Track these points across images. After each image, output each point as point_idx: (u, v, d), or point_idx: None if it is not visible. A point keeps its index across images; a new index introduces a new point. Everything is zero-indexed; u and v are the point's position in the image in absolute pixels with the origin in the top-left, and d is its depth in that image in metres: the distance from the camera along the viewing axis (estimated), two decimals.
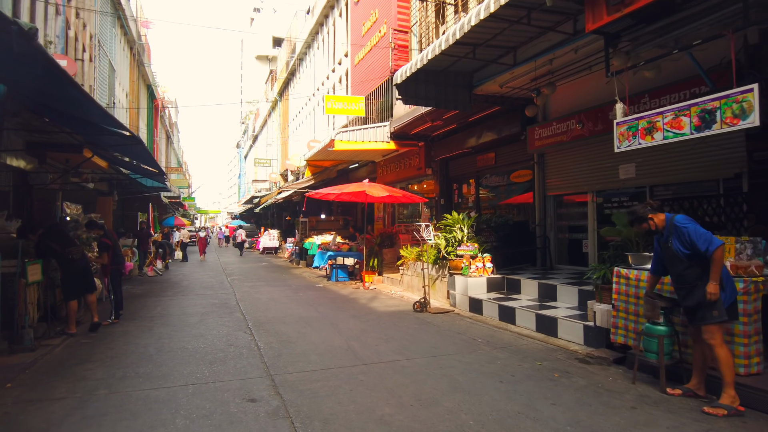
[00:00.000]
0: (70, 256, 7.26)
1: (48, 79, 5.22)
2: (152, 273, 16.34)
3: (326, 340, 6.49)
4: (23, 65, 4.74)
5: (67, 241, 7.40)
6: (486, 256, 9.11)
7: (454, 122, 12.38)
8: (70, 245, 7.33)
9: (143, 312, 8.82)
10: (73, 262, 7.27)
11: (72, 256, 7.27)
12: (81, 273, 7.36)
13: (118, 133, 7.53)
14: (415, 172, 14.98)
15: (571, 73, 8.66)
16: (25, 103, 7.54)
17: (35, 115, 8.42)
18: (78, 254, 7.32)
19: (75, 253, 7.29)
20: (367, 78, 16.29)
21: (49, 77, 5.13)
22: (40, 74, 5.05)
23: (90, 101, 5.71)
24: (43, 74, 5.04)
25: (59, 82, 5.13)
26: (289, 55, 33.56)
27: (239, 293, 11.25)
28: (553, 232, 10.26)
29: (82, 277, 7.38)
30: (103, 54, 20.70)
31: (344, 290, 11.73)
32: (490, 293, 8.92)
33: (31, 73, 5.05)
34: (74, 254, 7.29)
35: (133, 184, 17.88)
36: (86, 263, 7.55)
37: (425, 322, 7.65)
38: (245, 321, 7.87)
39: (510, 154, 11.55)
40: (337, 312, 8.65)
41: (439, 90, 9.54)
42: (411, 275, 11.27)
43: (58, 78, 4.90)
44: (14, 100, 7.54)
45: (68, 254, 7.24)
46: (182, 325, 7.63)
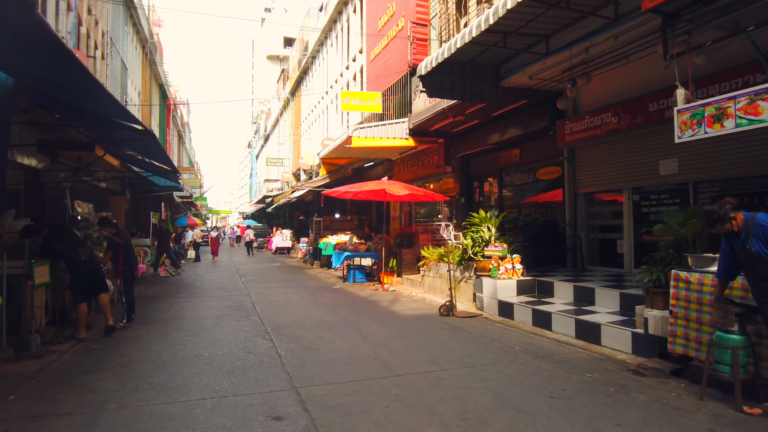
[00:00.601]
0: (77, 257, 6.88)
1: (55, 64, 4.84)
2: (164, 273, 16.03)
3: (351, 347, 6.04)
4: (27, 47, 4.35)
5: (74, 241, 7.03)
6: (515, 257, 8.62)
7: (477, 117, 11.88)
8: (77, 245, 6.96)
9: (156, 315, 8.44)
10: (81, 263, 6.89)
11: (79, 257, 6.88)
12: (90, 274, 6.97)
13: (129, 127, 7.15)
14: (433, 170, 14.49)
15: (607, 63, 8.13)
16: (34, 98, 7.21)
17: (46, 111, 8.11)
18: (86, 254, 6.93)
19: (82, 253, 6.90)
20: (384, 73, 15.83)
21: (56, 62, 4.75)
22: (46, 58, 4.66)
23: (99, 88, 5.31)
24: (49, 58, 4.66)
25: (65, 65, 4.74)
26: (301, 53, 33.23)
27: (255, 295, 10.85)
28: (584, 231, 9.72)
29: (91, 278, 6.98)
30: (115, 52, 20.47)
31: (363, 292, 11.29)
32: (520, 296, 8.41)
33: (37, 56, 4.66)
34: (81, 254, 6.90)
35: (145, 183, 17.62)
36: (96, 263, 7.16)
37: (454, 328, 7.18)
38: (263, 325, 7.45)
39: (536, 150, 11.02)
40: (359, 316, 8.20)
41: (465, 82, 9.05)
42: (433, 277, 10.80)
43: (63, 59, 4.50)
44: (24, 95, 7.23)
45: (75, 255, 6.86)
46: (197, 329, 7.22)
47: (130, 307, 7.88)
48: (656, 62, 7.72)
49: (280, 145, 42.61)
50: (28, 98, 7.42)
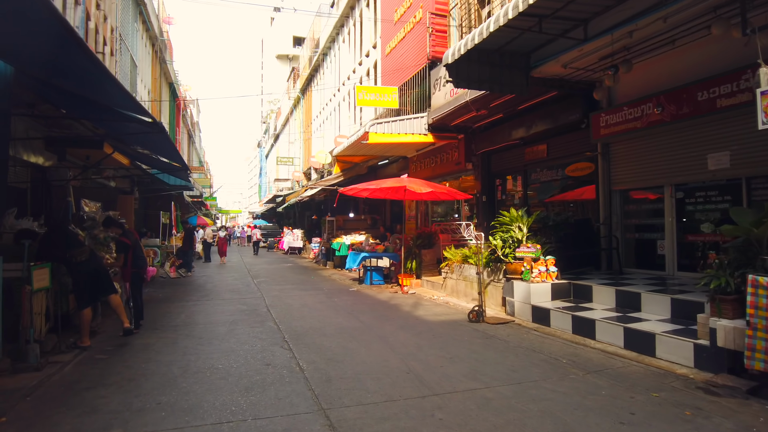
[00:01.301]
0: (73, 259, 6.33)
1: (59, 49, 4.37)
2: (174, 274, 15.59)
3: (379, 358, 5.48)
4: (29, 30, 3.88)
5: (71, 242, 6.51)
6: (549, 258, 8.01)
7: (501, 111, 11.28)
8: (73, 246, 6.44)
9: (166, 320, 7.94)
10: (79, 265, 6.38)
11: (76, 259, 6.34)
12: (91, 276, 6.45)
13: (137, 120, 6.66)
14: (453, 167, 13.91)
15: (651, 49, 7.52)
16: (40, 92, 6.75)
17: (52, 105, 7.69)
18: (83, 256, 6.41)
19: (79, 255, 6.37)
20: (401, 67, 15.26)
21: (60, 46, 4.27)
22: (50, 42, 4.20)
23: (105, 74, 4.81)
24: (53, 41, 4.20)
25: (70, 49, 4.25)
26: (312, 51, 32.77)
27: (268, 298, 10.33)
28: (620, 231, 9.09)
29: (93, 281, 6.48)
30: (124, 48, 20.09)
31: (381, 295, 10.73)
32: (555, 301, 7.81)
33: (41, 41, 4.20)
34: (78, 256, 6.37)
35: (155, 182, 17.23)
36: (97, 264, 6.61)
37: (487, 336, 6.60)
38: (280, 332, 6.91)
39: (565, 145, 10.40)
40: (382, 322, 7.65)
41: (493, 72, 8.47)
42: (456, 279, 10.22)
43: (67, 42, 4.01)
44: (29, 90, 6.79)
45: (71, 257, 6.31)
46: (210, 336, 6.71)
47: (139, 313, 7.40)
48: (706, 46, 7.11)
49: (290, 144, 42.19)
50: (34, 93, 6.98)
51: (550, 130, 10.42)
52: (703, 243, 7.70)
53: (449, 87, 12.12)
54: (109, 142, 10.23)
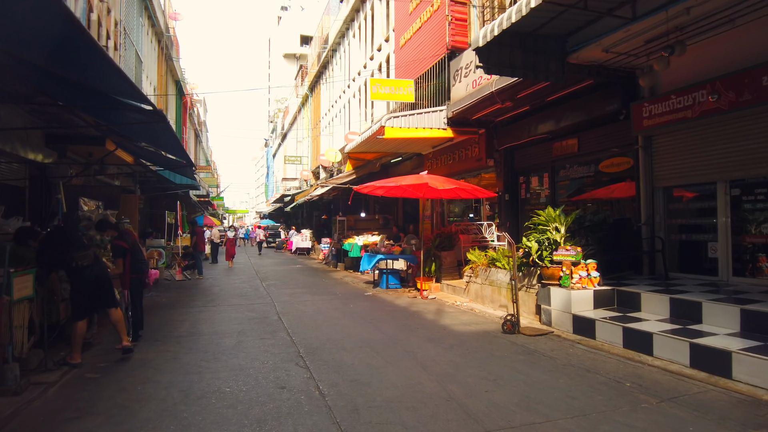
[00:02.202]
0: (74, 263, 5.62)
1: (54, 28, 3.72)
2: (180, 277, 14.93)
3: (411, 379, 4.74)
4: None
5: (74, 245, 5.81)
6: (590, 262, 7.24)
7: (528, 103, 10.51)
8: (76, 249, 5.74)
9: (167, 330, 7.24)
10: (81, 271, 5.67)
11: (77, 263, 5.64)
12: (92, 284, 5.74)
13: (136, 108, 5.96)
14: (472, 164, 13.14)
15: (707, 29, 6.73)
16: (35, 81, 6.10)
17: (50, 98, 7.06)
18: (86, 260, 5.69)
19: (81, 259, 5.65)
20: (416, 59, 14.50)
21: (55, 26, 3.63)
22: (45, 22, 3.55)
23: (101, 55, 4.13)
24: (47, 22, 3.55)
25: (64, 26, 3.58)
26: (321, 47, 32.08)
27: (279, 304, 9.61)
28: (664, 231, 8.29)
29: (93, 291, 5.78)
30: (129, 43, 19.47)
31: (400, 300, 9.99)
32: (597, 310, 7.03)
33: (35, 22, 3.55)
34: (80, 260, 5.66)
35: (161, 181, 16.64)
36: (101, 271, 5.87)
37: (528, 351, 5.83)
38: (294, 345, 6.18)
39: (600, 139, 9.61)
40: (406, 333, 6.90)
41: (527, 57, 7.71)
42: (481, 284, 9.45)
43: (61, 19, 3.34)
44: (26, 81, 6.15)
45: (71, 261, 5.60)
46: (215, 350, 5.99)
47: (138, 322, 6.71)
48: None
49: (298, 143, 41.56)
50: (31, 84, 6.33)
51: (583, 122, 9.63)
52: (764, 245, 6.91)
53: (471, 78, 11.38)
54: (112, 138, 9.64)
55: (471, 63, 11.29)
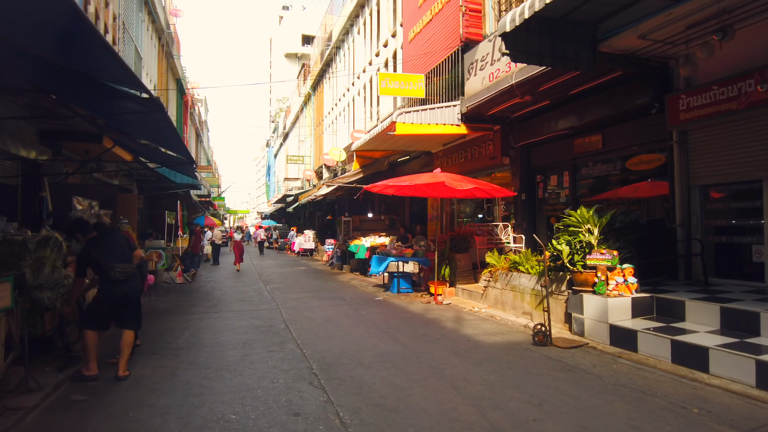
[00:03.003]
0: (111, 274, 5.06)
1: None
2: (181, 279, 14.33)
3: (443, 404, 4.13)
4: None
5: (114, 253, 5.23)
6: (627, 267, 6.63)
7: (548, 97, 9.90)
8: (115, 258, 5.16)
9: (166, 340, 6.64)
10: (112, 284, 5.12)
11: (114, 275, 5.07)
12: (118, 301, 5.20)
13: (132, 96, 5.39)
14: (486, 162, 12.54)
15: (757, 12, 6.13)
16: (26, 74, 5.54)
17: (43, 91, 6.53)
18: (122, 274, 5.13)
19: (119, 273, 5.10)
20: (427, 52, 13.90)
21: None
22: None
23: (92, 33, 3.54)
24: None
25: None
26: (324, 44, 31.50)
27: (285, 310, 9.01)
28: (701, 233, 7.69)
29: (117, 307, 5.23)
30: (128, 38, 18.89)
31: (413, 306, 9.38)
32: (636, 319, 6.43)
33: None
34: (117, 273, 5.09)
35: (161, 181, 16.09)
36: (131, 290, 5.29)
37: (568, 367, 5.23)
38: (305, 359, 5.58)
39: (627, 135, 9.02)
40: (428, 344, 6.29)
41: (555, 45, 7.12)
42: (501, 289, 8.85)
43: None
44: (16, 73, 5.60)
45: (110, 271, 5.06)
46: (218, 366, 5.39)
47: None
48: None
49: (301, 143, 40.99)
50: (22, 76, 5.78)
51: (609, 117, 9.04)
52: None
53: (487, 71, 10.78)
54: (110, 135, 9.13)
55: (488, 55, 10.70)
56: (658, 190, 8.86)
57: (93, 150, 9.52)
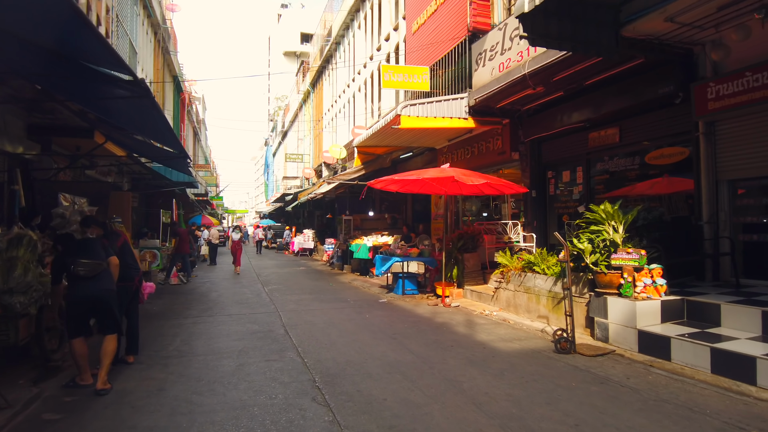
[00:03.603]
0: (73, 268, 4.63)
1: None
2: (176, 281, 13.80)
3: (466, 426, 3.62)
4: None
5: (84, 253, 4.76)
6: (655, 268, 6.12)
7: (562, 88, 9.38)
8: (78, 255, 4.71)
9: (155, 347, 6.11)
10: (74, 282, 4.70)
11: (76, 270, 4.63)
12: (85, 303, 4.73)
13: (114, 79, 4.86)
14: (494, 158, 12.02)
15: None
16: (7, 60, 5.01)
17: (26, 82, 6.04)
18: (85, 270, 4.65)
19: (81, 268, 4.64)
20: (432, 43, 13.38)
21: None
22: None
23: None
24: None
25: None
26: (324, 40, 30.96)
27: (285, 313, 8.48)
28: (729, 231, 7.19)
29: (85, 310, 4.75)
30: (122, 32, 18.34)
31: (420, 309, 8.87)
32: (666, 324, 5.92)
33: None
34: (79, 268, 4.63)
35: (156, 178, 15.58)
36: (99, 291, 4.77)
37: (599, 379, 4.71)
38: (307, 370, 5.06)
39: (647, 127, 8.51)
40: (440, 352, 5.77)
41: (576, 28, 6.59)
42: (514, 291, 8.33)
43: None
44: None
45: (72, 266, 4.63)
46: (211, 377, 4.86)
47: (132, 341, 5.59)
48: None
49: (300, 141, 40.46)
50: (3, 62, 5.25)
51: (627, 108, 8.53)
52: None
53: (497, 61, 10.27)
54: (101, 130, 8.69)
55: (497, 44, 10.18)
56: (675, 186, 8.37)
57: (84, 146, 9.10)
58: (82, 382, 4.58)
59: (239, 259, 17.22)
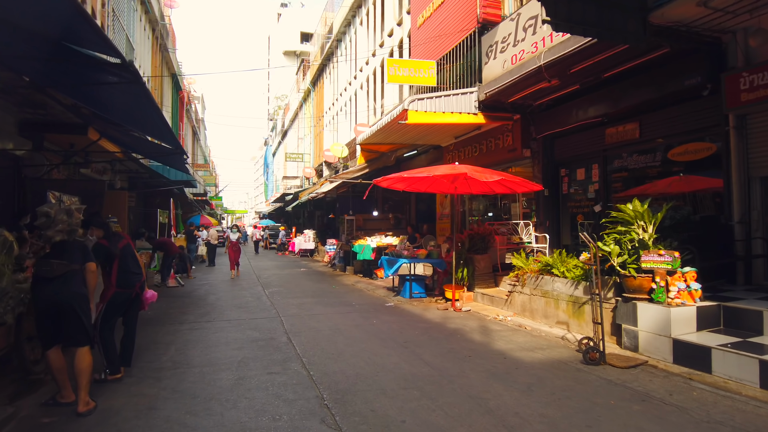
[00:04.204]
0: (36, 270, 4.25)
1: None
2: (173, 283, 13.32)
3: None
4: None
5: (51, 251, 4.39)
6: (689, 271, 5.66)
7: (579, 81, 8.89)
8: (51, 256, 4.31)
9: (147, 357, 5.63)
10: (35, 284, 4.23)
11: (37, 269, 4.23)
12: (47, 307, 4.20)
13: (100, 63, 4.40)
14: (504, 155, 11.56)
15: None
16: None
17: (12, 73, 5.61)
18: (44, 271, 4.18)
19: (43, 268, 4.19)
20: (440, 35, 12.91)
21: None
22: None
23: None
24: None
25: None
26: (324, 37, 30.50)
27: (287, 318, 8.01)
28: (762, 231, 6.73)
29: (50, 317, 4.22)
30: (118, 26, 17.87)
31: (429, 313, 8.41)
32: (701, 332, 5.46)
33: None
34: (39, 268, 4.21)
35: (154, 177, 15.13)
36: (64, 297, 4.22)
37: (639, 395, 4.24)
38: (313, 385, 4.58)
39: (670, 121, 8.04)
40: (458, 363, 5.30)
41: (601, 13, 6.10)
42: (530, 294, 7.87)
43: None
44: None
45: (37, 267, 4.23)
46: (207, 394, 4.39)
47: (126, 352, 5.12)
48: None
49: (300, 140, 39.99)
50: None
51: (649, 102, 8.07)
52: None
53: (509, 53, 9.80)
54: (96, 126, 8.31)
55: (510, 36, 9.72)
56: (694, 184, 7.93)
57: (78, 143, 8.75)
58: (63, 399, 4.11)
59: (236, 261, 15.79)
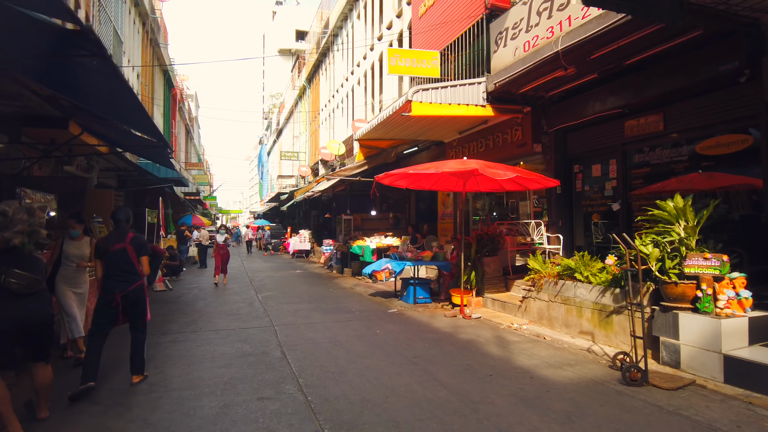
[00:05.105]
0: (3, 281, 3.62)
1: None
2: (161, 287, 12.56)
3: None
4: None
5: (20, 263, 3.79)
6: (738, 277, 4.98)
7: (597, 69, 8.22)
8: (9, 264, 3.71)
9: (120, 378, 4.90)
10: (2, 299, 3.64)
11: (7, 283, 3.63)
12: (17, 329, 3.64)
13: (57, 30, 3.67)
14: (513, 150, 10.87)
15: None
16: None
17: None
18: (20, 284, 3.65)
19: (15, 281, 3.65)
20: (443, 23, 12.22)
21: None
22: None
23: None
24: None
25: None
26: (321, 32, 29.75)
27: (281, 328, 7.28)
28: None
29: (15, 335, 3.64)
30: (105, 17, 17.07)
31: (437, 321, 7.70)
32: (755, 347, 4.79)
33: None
34: (12, 281, 3.64)
35: (143, 175, 14.44)
36: (36, 313, 3.73)
37: (702, 427, 3.55)
38: (312, 415, 3.86)
39: (698, 112, 7.36)
40: (478, 385, 4.59)
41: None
42: (548, 301, 7.18)
43: None
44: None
45: (1, 277, 3.62)
46: (185, 428, 3.66)
47: (136, 358, 4.51)
48: None
49: (295, 139, 39.22)
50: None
51: (676, 91, 7.38)
52: None
53: (521, 40, 9.12)
54: (77, 120, 7.70)
55: (522, 21, 9.03)
56: (717, 181, 7.27)
57: (59, 137, 8.28)
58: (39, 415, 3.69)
59: (223, 266, 13.70)
